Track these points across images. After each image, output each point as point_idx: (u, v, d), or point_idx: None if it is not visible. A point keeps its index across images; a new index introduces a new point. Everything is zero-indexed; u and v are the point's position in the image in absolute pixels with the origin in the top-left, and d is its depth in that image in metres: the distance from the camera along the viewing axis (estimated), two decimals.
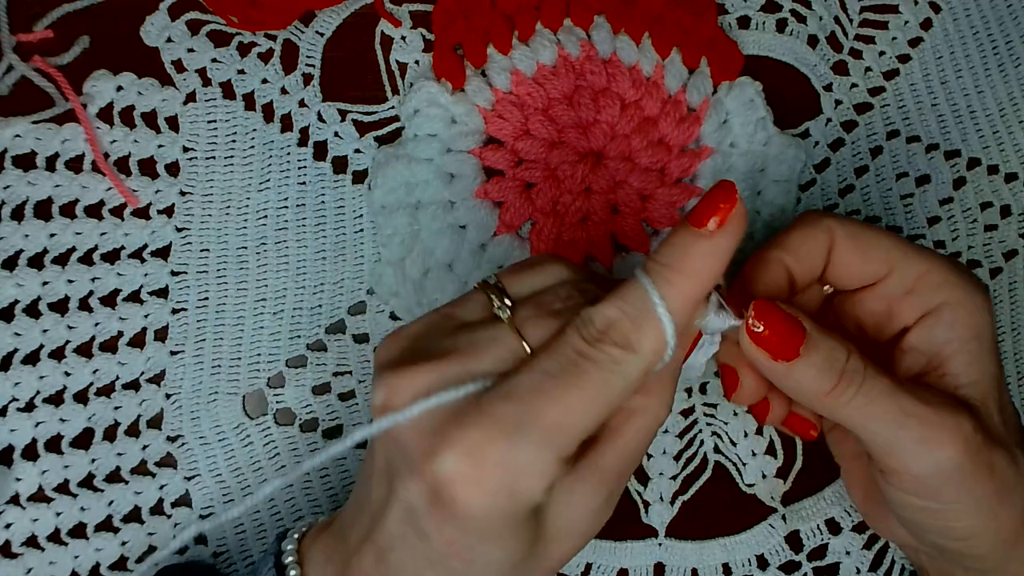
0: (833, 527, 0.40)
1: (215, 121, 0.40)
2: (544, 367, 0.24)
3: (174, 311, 0.38)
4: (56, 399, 0.37)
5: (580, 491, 0.26)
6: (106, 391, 0.37)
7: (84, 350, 0.37)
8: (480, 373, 0.25)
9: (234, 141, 0.40)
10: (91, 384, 0.37)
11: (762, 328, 0.27)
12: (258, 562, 0.30)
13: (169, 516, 0.37)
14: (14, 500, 0.36)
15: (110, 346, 0.38)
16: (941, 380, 0.30)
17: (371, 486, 0.27)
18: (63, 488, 0.37)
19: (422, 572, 0.26)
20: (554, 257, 0.29)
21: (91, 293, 0.38)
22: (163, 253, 0.39)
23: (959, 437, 0.28)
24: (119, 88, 0.39)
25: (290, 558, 0.28)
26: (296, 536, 0.29)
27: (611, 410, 0.25)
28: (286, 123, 0.40)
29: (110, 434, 0.37)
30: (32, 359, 0.37)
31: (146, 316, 0.38)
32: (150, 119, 0.39)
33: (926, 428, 0.28)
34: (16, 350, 0.37)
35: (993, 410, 0.29)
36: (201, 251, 0.39)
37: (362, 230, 0.40)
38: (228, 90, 0.40)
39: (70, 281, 0.38)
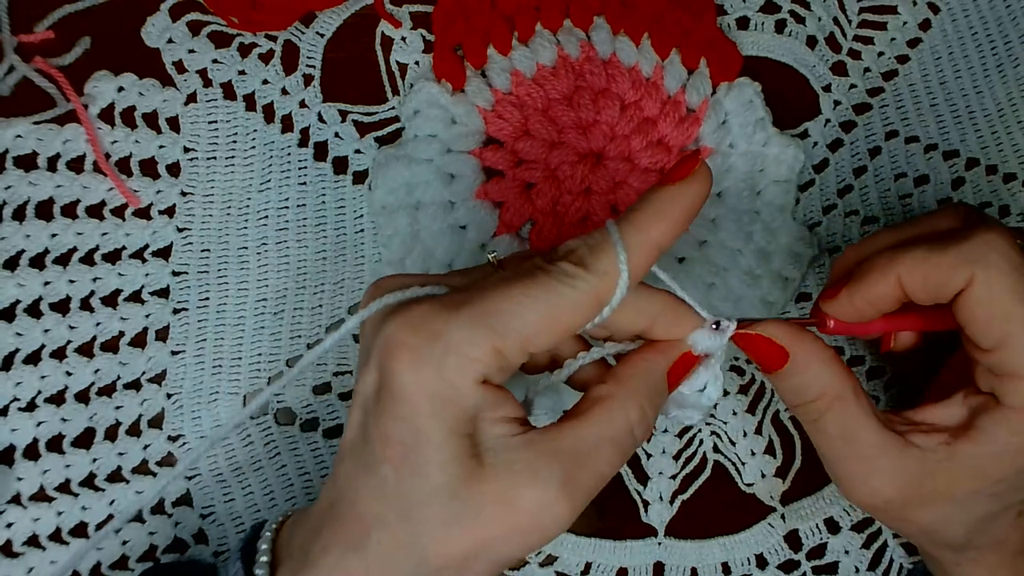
0: (832, 526, 0.40)
1: (216, 122, 0.40)
2: (501, 273, 0.26)
3: (175, 311, 0.38)
4: (57, 399, 0.37)
5: (527, 452, 0.25)
6: (107, 391, 0.38)
7: (85, 350, 0.38)
8: (454, 286, 0.27)
9: (235, 142, 0.40)
10: (92, 384, 0.37)
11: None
12: (234, 550, 0.29)
13: (170, 515, 0.37)
14: (15, 500, 0.36)
15: (111, 346, 0.38)
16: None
17: (347, 415, 0.28)
18: (64, 487, 0.37)
19: (359, 480, 0.25)
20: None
21: (92, 293, 0.38)
22: (164, 253, 0.39)
23: (890, 483, 0.30)
24: (120, 89, 0.39)
25: (264, 545, 0.28)
26: (273, 526, 0.29)
27: (555, 324, 0.25)
28: (287, 124, 0.40)
29: (111, 434, 0.37)
30: (34, 359, 0.37)
31: (147, 316, 0.38)
32: (151, 120, 0.39)
33: (856, 475, 0.30)
34: (18, 350, 0.37)
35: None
36: (202, 251, 0.39)
37: (362, 230, 0.40)
38: (229, 91, 0.40)
39: (71, 281, 0.38)
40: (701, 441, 0.40)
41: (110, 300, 0.38)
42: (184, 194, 0.39)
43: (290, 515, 0.29)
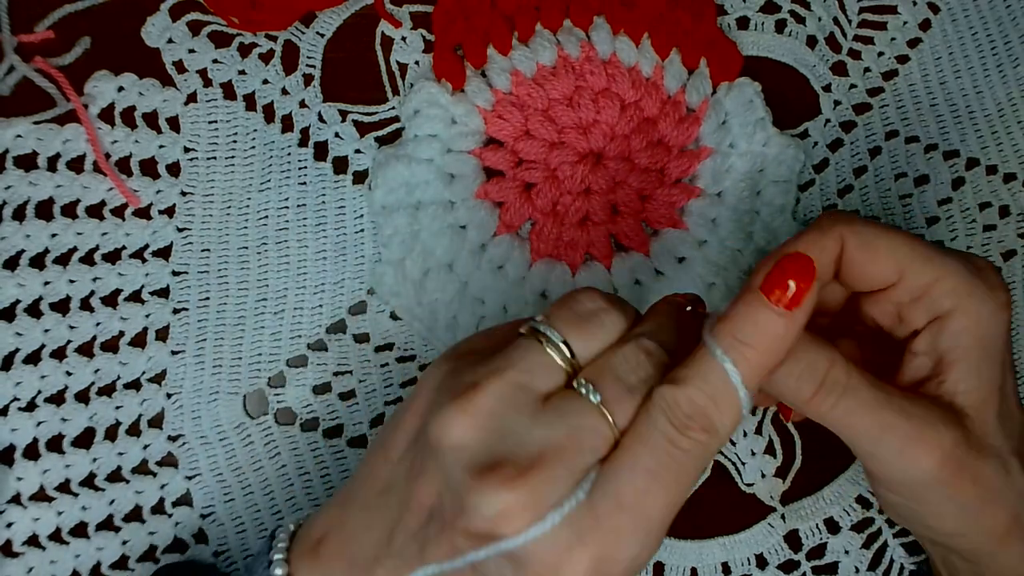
0: (832, 526, 0.40)
1: (216, 122, 0.40)
2: (644, 463, 0.25)
3: (175, 311, 0.38)
4: (57, 399, 0.37)
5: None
6: (107, 391, 0.38)
7: (85, 350, 0.38)
8: (584, 470, 0.25)
9: (235, 141, 0.40)
10: (92, 384, 0.37)
11: None
12: (251, 561, 0.30)
13: (170, 515, 0.37)
14: (15, 499, 0.36)
15: (111, 346, 0.38)
16: (940, 386, 0.30)
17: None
18: (64, 487, 0.37)
19: None
20: (604, 303, 0.28)
21: (92, 293, 0.38)
22: (164, 253, 0.39)
23: (935, 451, 0.28)
24: (120, 89, 0.39)
25: (279, 556, 0.28)
26: (284, 535, 0.29)
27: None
28: (287, 123, 0.40)
29: (111, 433, 0.37)
30: (34, 359, 0.37)
31: (147, 316, 0.38)
32: (151, 119, 0.39)
33: (903, 441, 0.28)
34: (18, 350, 0.37)
35: (989, 419, 0.30)
36: (202, 251, 0.39)
37: (362, 230, 0.40)
38: (229, 91, 0.40)
39: (71, 281, 0.38)
40: None
41: (110, 300, 0.38)
42: (184, 194, 0.39)
43: (296, 528, 0.29)
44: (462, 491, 0.24)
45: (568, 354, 0.27)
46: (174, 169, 0.39)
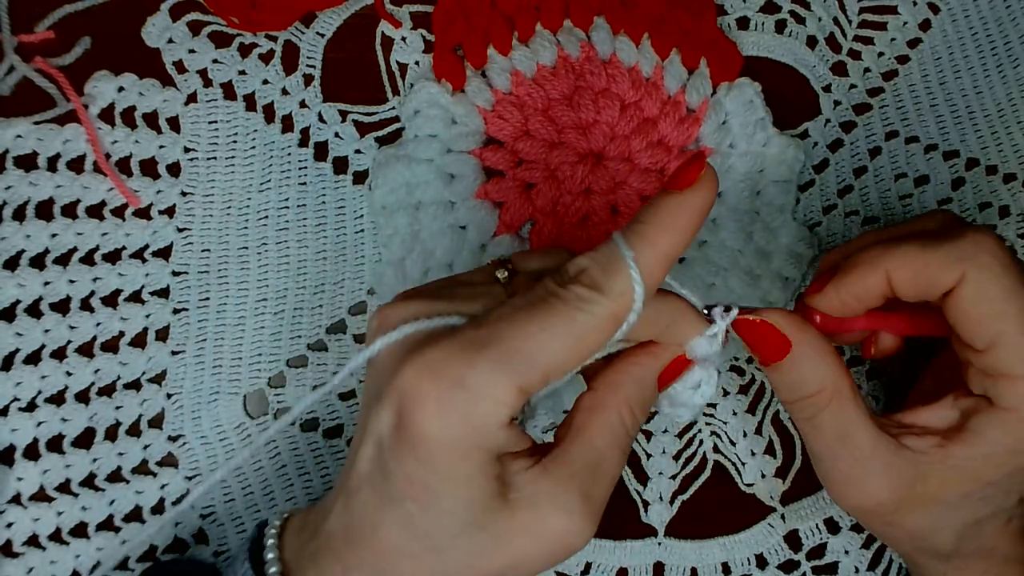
0: (832, 526, 0.40)
1: (216, 122, 0.40)
2: (514, 303, 0.26)
3: (175, 311, 0.38)
4: (58, 399, 0.37)
5: (546, 482, 0.26)
6: (107, 391, 0.38)
7: (85, 350, 0.38)
8: (464, 312, 0.26)
9: (235, 142, 0.40)
10: (92, 384, 0.37)
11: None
12: (236, 550, 0.30)
13: None
14: (16, 499, 0.36)
15: (111, 346, 0.38)
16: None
17: (354, 441, 0.27)
18: (64, 487, 0.37)
19: (381, 512, 0.25)
20: (562, 247, 0.30)
21: (93, 293, 0.38)
22: (164, 253, 0.39)
23: (883, 485, 0.30)
24: (120, 89, 0.39)
25: (271, 540, 0.28)
26: (278, 523, 0.29)
27: (575, 353, 0.25)
28: (287, 124, 0.40)
29: (111, 434, 0.37)
30: (34, 359, 0.37)
31: (147, 316, 0.38)
32: (151, 120, 0.39)
33: (837, 476, 0.31)
34: (18, 350, 0.37)
35: None
36: (202, 251, 0.39)
37: (363, 230, 0.40)
38: (229, 91, 0.40)
39: (72, 281, 0.38)
40: (701, 441, 0.40)
41: (110, 300, 0.38)
42: (184, 194, 0.39)
43: (288, 517, 0.29)
44: (368, 322, 0.28)
45: (505, 263, 0.29)
46: (174, 169, 0.39)
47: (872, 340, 0.34)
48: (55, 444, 0.37)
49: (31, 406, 0.37)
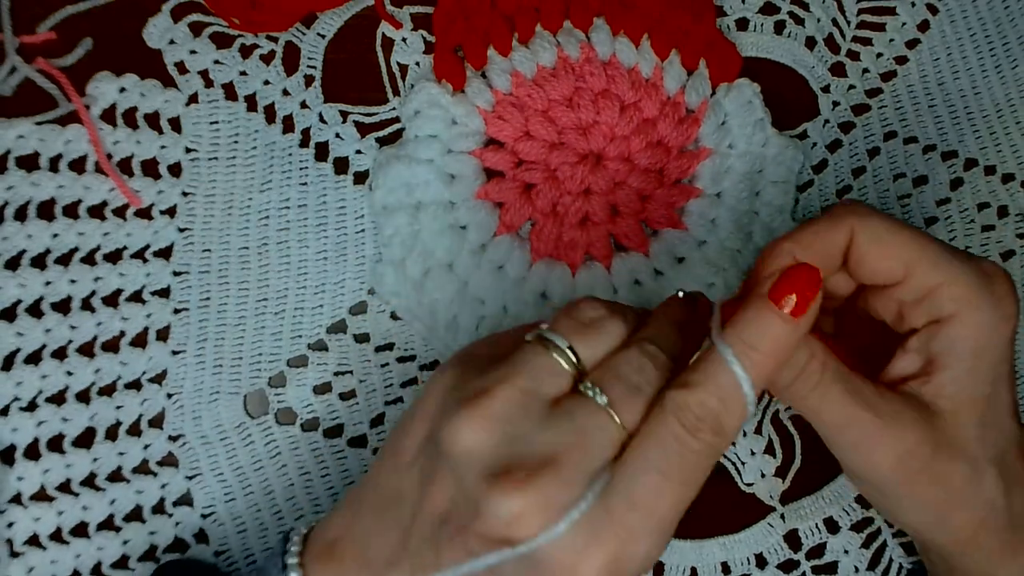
0: (831, 526, 0.40)
1: (217, 122, 0.40)
2: (656, 464, 0.26)
3: (176, 311, 0.38)
4: (58, 398, 0.37)
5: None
6: (108, 391, 0.38)
7: (86, 350, 0.38)
8: (595, 471, 0.25)
9: (236, 142, 0.40)
10: (93, 384, 0.37)
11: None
12: (264, 560, 0.30)
13: (170, 515, 0.37)
14: (16, 499, 0.36)
15: (112, 346, 0.38)
16: (923, 386, 0.30)
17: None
18: (65, 487, 0.37)
19: None
20: (606, 311, 0.29)
21: (93, 293, 0.38)
22: (165, 253, 0.39)
23: (893, 449, 0.29)
24: (122, 89, 0.39)
25: (292, 560, 0.28)
26: (297, 539, 0.29)
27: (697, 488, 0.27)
28: (288, 124, 0.40)
29: (112, 433, 0.37)
30: (34, 359, 0.37)
31: (148, 316, 0.38)
32: (153, 120, 0.40)
33: (864, 436, 0.29)
34: (19, 350, 0.37)
35: (968, 425, 0.30)
36: (203, 251, 0.39)
37: (363, 230, 0.40)
38: (230, 91, 0.40)
39: (73, 281, 0.38)
40: None
41: (111, 300, 0.38)
42: (185, 194, 0.39)
43: (308, 532, 0.30)
44: (476, 496, 0.25)
45: (574, 359, 0.27)
46: (175, 170, 0.39)
47: None
48: (56, 444, 0.37)
49: (32, 406, 0.37)
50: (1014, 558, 0.31)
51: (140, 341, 0.38)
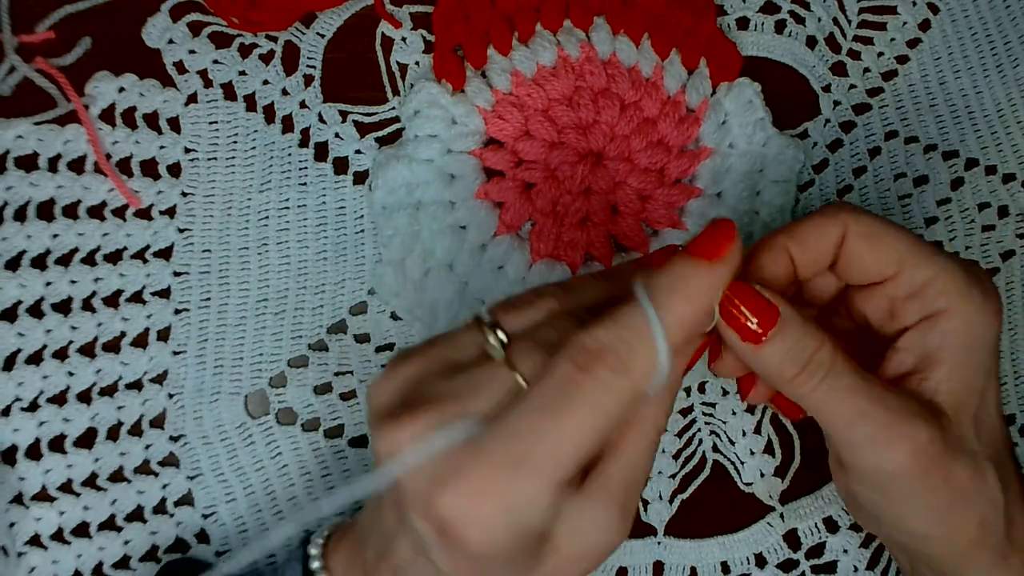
0: (831, 525, 0.40)
1: (217, 122, 0.40)
2: (535, 400, 0.25)
3: (176, 311, 0.39)
4: (59, 399, 0.37)
5: (590, 509, 0.26)
6: (109, 391, 0.38)
7: (87, 350, 0.38)
8: (476, 413, 0.25)
9: (235, 142, 0.40)
10: (94, 384, 0.38)
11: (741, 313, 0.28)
12: (282, 564, 0.30)
13: (172, 515, 0.37)
14: (18, 499, 0.36)
15: (113, 346, 0.38)
16: (921, 384, 0.30)
17: (384, 511, 0.28)
18: (66, 487, 0.37)
19: None
20: (548, 289, 0.29)
21: (94, 293, 0.38)
22: (165, 254, 0.39)
23: (909, 443, 0.28)
24: (121, 89, 0.39)
25: (316, 563, 0.30)
26: (320, 541, 0.31)
27: (606, 432, 0.25)
28: (287, 124, 0.40)
29: (113, 434, 0.37)
30: (35, 359, 0.37)
31: (149, 316, 0.38)
32: (152, 120, 0.40)
33: (878, 429, 0.28)
34: (20, 350, 0.37)
35: (966, 421, 0.30)
36: (203, 251, 0.39)
37: (363, 231, 0.40)
38: (229, 91, 0.40)
39: (73, 282, 0.38)
40: (700, 440, 0.40)
41: (112, 300, 0.38)
42: (185, 194, 0.39)
43: (329, 535, 0.31)
44: (371, 435, 0.26)
45: (500, 335, 0.27)
46: (175, 170, 0.39)
47: (751, 383, 0.33)
48: (57, 444, 0.37)
49: (33, 406, 0.37)
50: (1005, 562, 0.30)
51: (141, 341, 0.38)
